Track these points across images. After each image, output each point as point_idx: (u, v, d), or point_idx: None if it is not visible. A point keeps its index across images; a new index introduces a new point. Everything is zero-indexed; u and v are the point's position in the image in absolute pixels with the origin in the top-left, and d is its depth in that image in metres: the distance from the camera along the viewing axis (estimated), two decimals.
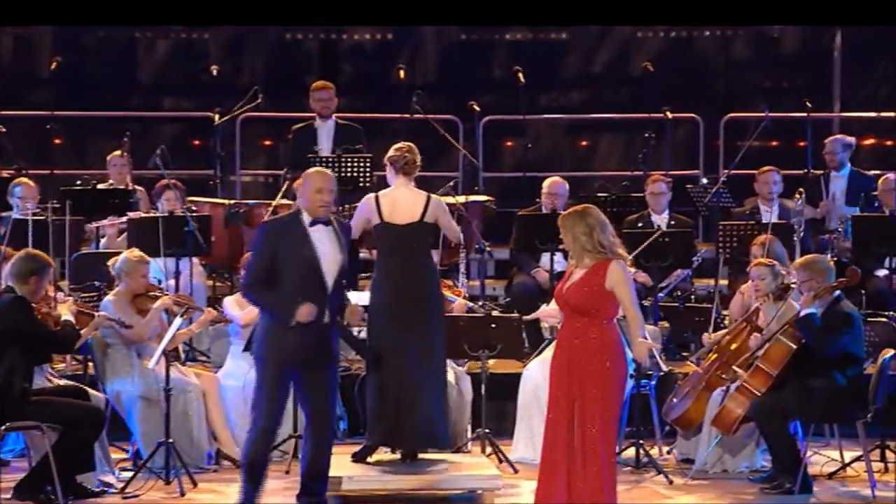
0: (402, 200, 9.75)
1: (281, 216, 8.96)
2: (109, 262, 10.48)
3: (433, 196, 9.90)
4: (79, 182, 12.77)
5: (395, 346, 9.65)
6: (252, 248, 8.88)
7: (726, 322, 11.14)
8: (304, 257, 8.56)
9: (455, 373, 10.72)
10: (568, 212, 8.44)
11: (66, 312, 9.61)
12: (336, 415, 8.75)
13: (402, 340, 9.66)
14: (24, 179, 12.34)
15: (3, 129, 13.34)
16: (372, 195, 9.86)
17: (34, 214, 11.87)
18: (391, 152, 9.86)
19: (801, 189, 12.69)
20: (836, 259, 11.77)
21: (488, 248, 12.19)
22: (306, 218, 8.67)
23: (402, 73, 14.31)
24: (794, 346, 9.87)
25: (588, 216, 8.30)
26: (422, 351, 9.68)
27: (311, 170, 8.88)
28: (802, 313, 9.79)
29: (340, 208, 12.70)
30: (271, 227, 8.72)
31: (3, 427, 9.25)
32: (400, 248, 9.72)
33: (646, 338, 8.43)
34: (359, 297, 11.56)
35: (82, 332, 9.79)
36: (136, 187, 13.00)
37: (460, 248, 12.32)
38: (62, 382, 10.03)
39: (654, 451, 10.67)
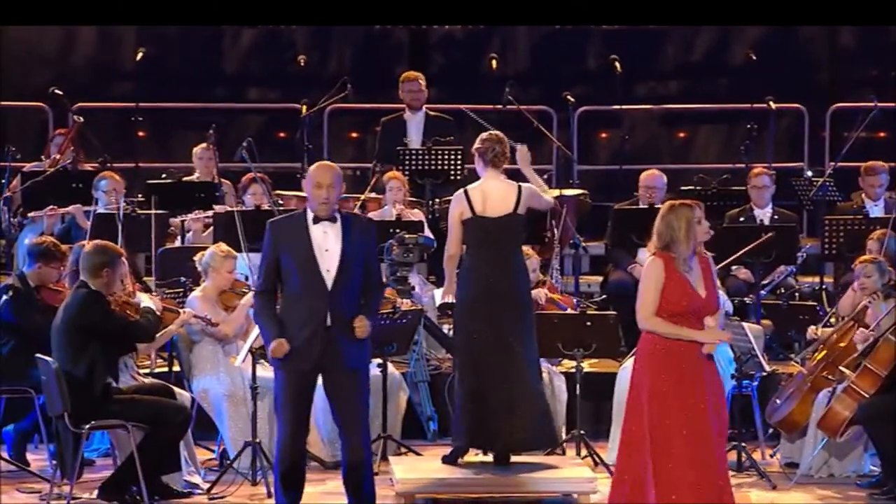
0: (494, 192, 9.52)
1: (285, 215, 8.64)
2: (196, 258, 10.37)
3: (524, 185, 9.63)
4: (164, 175, 12.70)
5: (485, 344, 9.42)
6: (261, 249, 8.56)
7: (833, 320, 10.85)
8: (302, 256, 8.26)
9: (549, 372, 10.54)
10: (689, 201, 8.21)
11: (147, 300, 9.47)
12: (367, 416, 8.44)
13: (493, 338, 9.42)
14: (110, 173, 12.28)
15: (81, 119, 13.24)
16: (461, 190, 9.63)
17: (119, 209, 11.78)
18: (478, 143, 9.64)
19: None
20: None
21: (583, 244, 11.96)
22: (310, 215, 8.36)
23: (494, 64, 14.14)
24: None
25: None
26: (514, 350, 9.44)
27: (315, 164, 8.53)
28: None
29: (431, 202, 12.54)
30: (273, 226, 8.41)
31: (89, 426, 9.18)
32: (492, 241, 9.49)
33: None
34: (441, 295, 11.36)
35: (169, 328, 9.74)
36: (223, 181, 12.89)
37: (554, 241, 12.09)
38: (148, 380, 9.98)
39: (757, 455, 10.48)
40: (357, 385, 8.34)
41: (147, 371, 10.81)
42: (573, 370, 10.31)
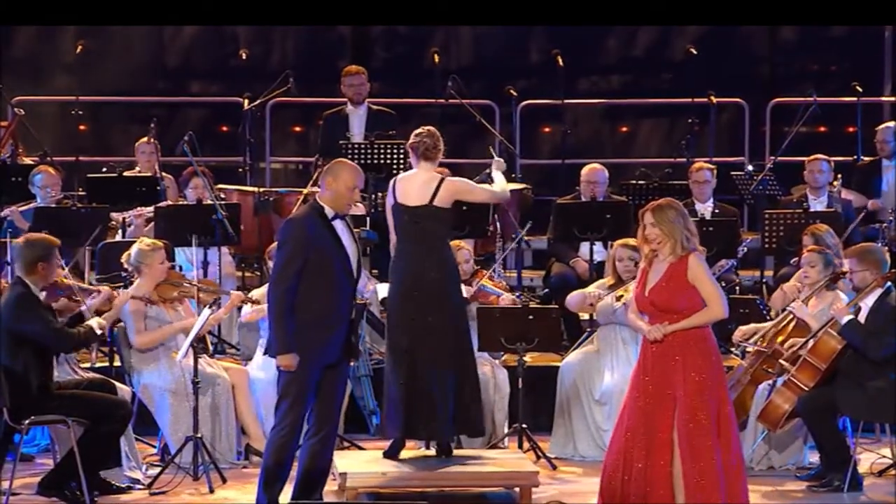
0: (414, 181, 9.46)
1: (306, 213, 8.59)
2: (122, 259, 10.22)
3: (448, 178, 9.58)
4: (104, 169, 12.60)
5: (413, 333, 9.35)
6: (284, 246, 8.47)
7: (772, 314, 10.90)
8: (336, 254, 8.39)
9: (492, 366, 10.53)
10: (658, 203, 8.34)
11: (91, 314, 9.35)
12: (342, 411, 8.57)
13: (420, 327, 9.35)
14: (45, 167, 12.18)
15: (22, 112, 13.11)
16: (394, 178, 9.61)
17: (58, 202, 11.69)
18: (412, 138, 9.61)
19: (838, 175, 12.56)
20: (887, 250, 11.55)
21: (525, 238, 11.95)
22: (329, 212, 8.45)
23: (436, 58, 14.13)
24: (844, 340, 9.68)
25: (678, 206, 8.34)
26: (443, 338, 9.36)
27: (346, 163, 8.60)
28: (843, 321, 9.59)
29: (372, 196, 12.51)
30: (303, 224, 8.42)
31: (28, 421, 9.11)
32: (410, 230, 9.42)
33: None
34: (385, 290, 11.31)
35: (107, 314, 9.53)
36: (164, 175, 12.81)
37: (497, 235, 12.08)
38: (88, 375, 9.91)
39: None
40: (348, 372, 8.69)
41: (88, 365, 10.74)
42: (515, 364, 10.31)
